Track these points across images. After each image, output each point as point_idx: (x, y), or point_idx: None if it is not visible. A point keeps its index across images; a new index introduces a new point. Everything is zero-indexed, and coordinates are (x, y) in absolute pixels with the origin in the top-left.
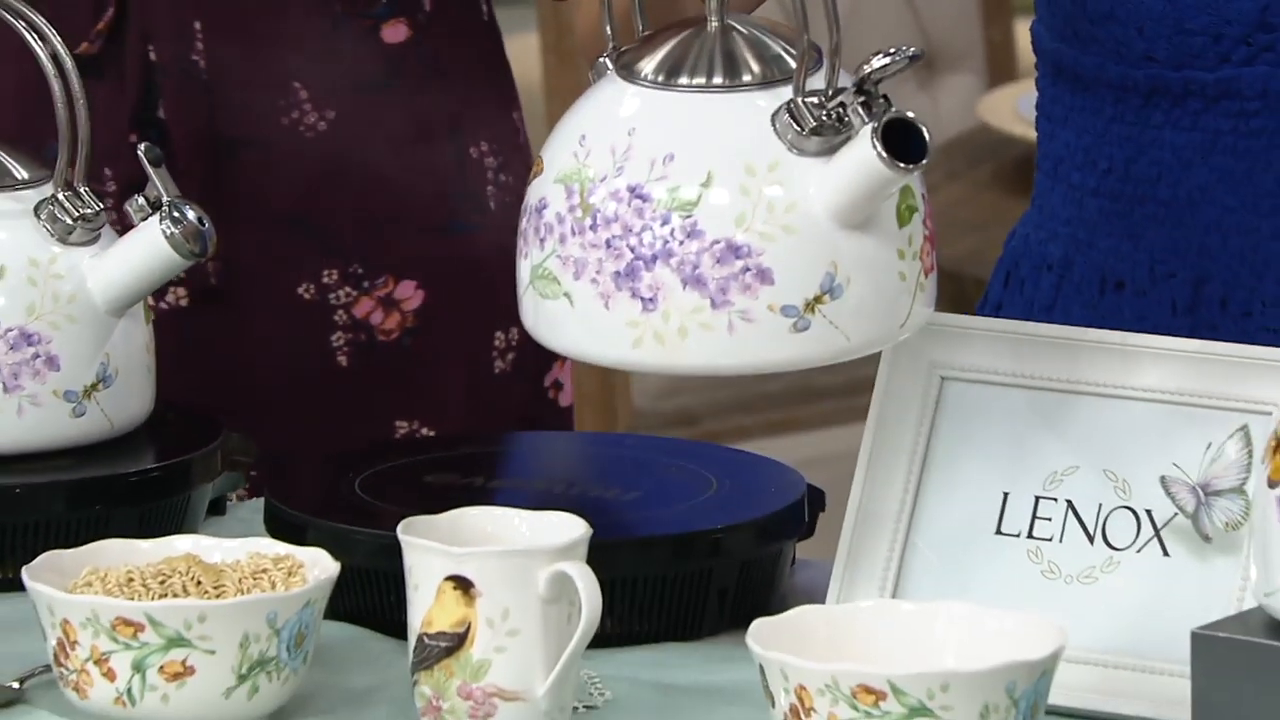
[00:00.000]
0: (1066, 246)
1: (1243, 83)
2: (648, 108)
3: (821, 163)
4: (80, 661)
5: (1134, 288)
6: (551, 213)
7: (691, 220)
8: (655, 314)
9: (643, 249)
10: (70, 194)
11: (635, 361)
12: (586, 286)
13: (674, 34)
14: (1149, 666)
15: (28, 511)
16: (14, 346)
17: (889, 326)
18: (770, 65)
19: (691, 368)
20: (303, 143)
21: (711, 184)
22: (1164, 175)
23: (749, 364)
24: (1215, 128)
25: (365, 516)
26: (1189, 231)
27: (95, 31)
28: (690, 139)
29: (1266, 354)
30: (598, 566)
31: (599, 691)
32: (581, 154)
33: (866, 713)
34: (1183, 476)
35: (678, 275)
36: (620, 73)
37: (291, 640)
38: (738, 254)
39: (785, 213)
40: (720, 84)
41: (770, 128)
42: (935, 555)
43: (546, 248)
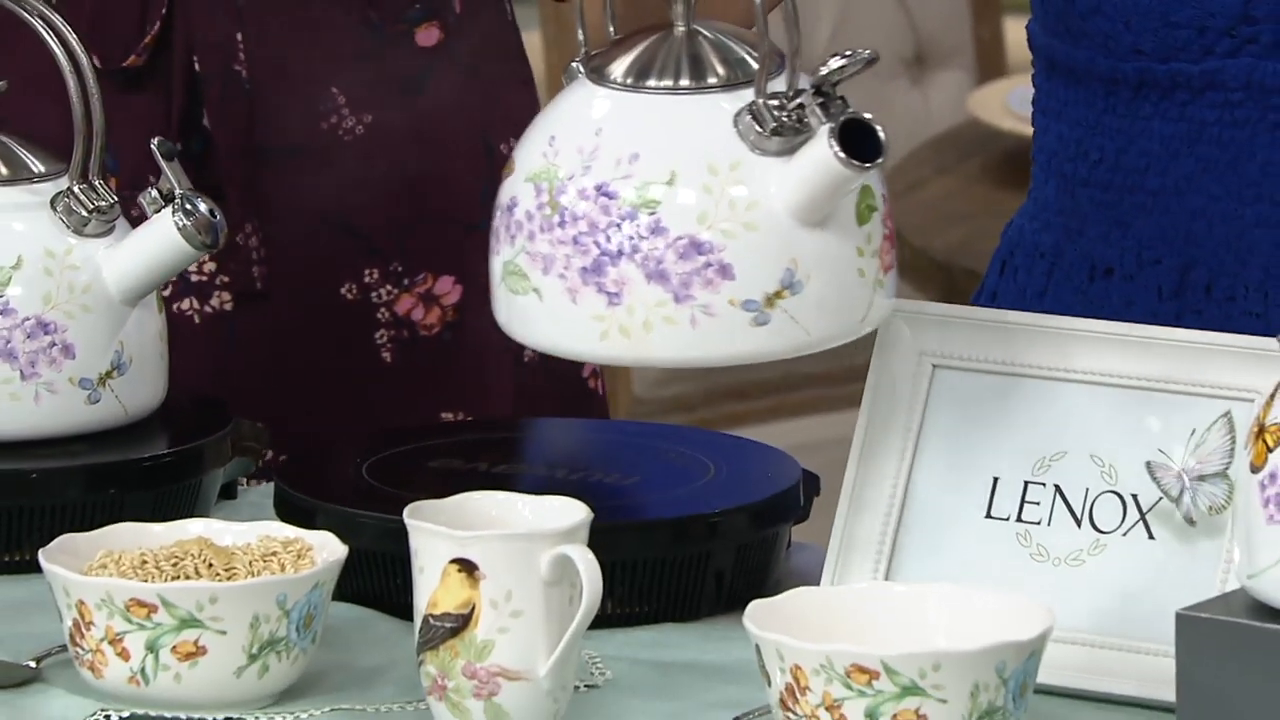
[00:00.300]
0: (1058, 235)
1: (1227, 74)
2: (615, 109)
3: (782, 162)
4: (95, 641)
5: (1122, 273)
6: (521, 210)
7: (655, 217)
8: (620, 308)
9: (608, 245)
10: (85, 187)
11: (601, 354)
12: (555, 282)
13: (642, 38)
14: (1135, 647)
15: (44, 495)
16: (31, 335)
17: (848, 322)
18: (734, 68)
19: (655, 360)
20: (341, 146)
21: (675, 182)
22: (1152, 165)
23: (711, 356)
24: (1201, 118)
25: (372, 501)
26: (1176, 219)
27: (143, 45)
28: (655, 139)
29: (1249, 342)
30: (598, 549)
31: (600, 671)
32: (551, 154)
33: (860, 691)
34: (1168, 462)
35: (642, 270)
36: (590, 76)
37: (301, 621)
38: (700, 250)
39: (746, 210)
40: (685, 86)
41: (733, 128)
42: (927, 538)
43: (516, 244)
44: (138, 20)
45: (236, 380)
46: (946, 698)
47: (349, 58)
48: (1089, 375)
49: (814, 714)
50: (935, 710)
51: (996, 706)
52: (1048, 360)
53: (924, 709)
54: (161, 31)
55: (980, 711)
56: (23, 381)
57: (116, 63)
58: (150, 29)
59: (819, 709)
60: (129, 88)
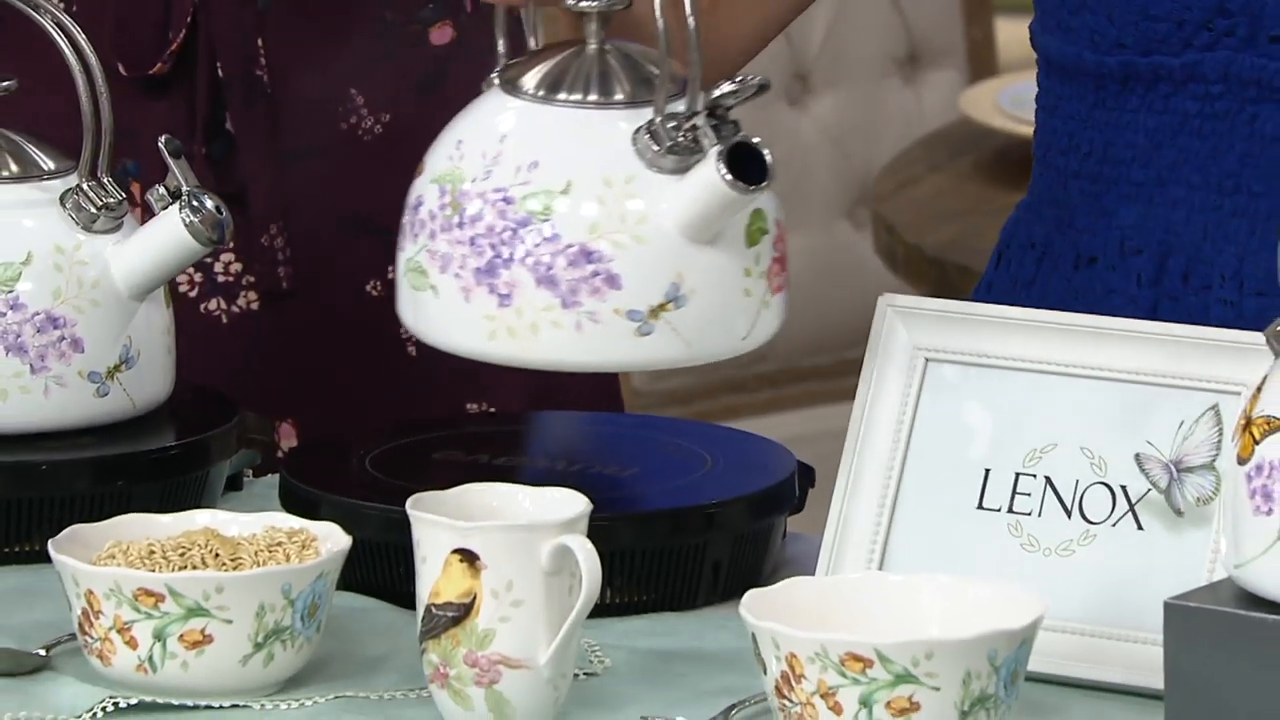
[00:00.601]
0: (1049, 227)
1: (1206, 67)
2: (521, 119)
3: (675, 180)
4: (104, 630)
5: (1105, 263)
6: (425, 210)
7: (549, 224)
8: (510, 309)
9: (502, 248)
10: (94, 184)
11: (489, 353)
12: (450, 280)
13: (556, 53)
14: (1124, 635)
15: (53, 487)
16: (40, 329)
17: (730, 339)
18: (639, 87)
19: (540, 362)
20: (361, 146)
21: (570, 192)
22: (1137, 156)
23: (593, 362)
24: (1183, 110)
25: (376, 492)
26: (1157, 209)
27: (169, 53)
28: (555, 149)
29: (1237, 336)
30: (598, 540)
31: (599, 659)
32: (456, 157)
33: (854, 679)
34: (1156, 454)
35: (532, 275)
36: (503, 86)
37: (305, 610)
38: (590, 259)
39: (638, 224)
40: (590, 101)
41: (631, 145)
42: (920, 529)
43: (419, 242)
44: (161, 28)
45: (264, 378)
46: (939, 685)
47: (366, 59)
48: (1079, 369)
49: (809, 701)
50: (928, 698)
51: (988, 694)
52: (1039, 354)
53: (917, 696)
54: (185, 39)
55: (972, 699)
56: (32, 375)
57: (142, 70)
58: (174, 37)
59: (814, 696)
60: (154, 94)
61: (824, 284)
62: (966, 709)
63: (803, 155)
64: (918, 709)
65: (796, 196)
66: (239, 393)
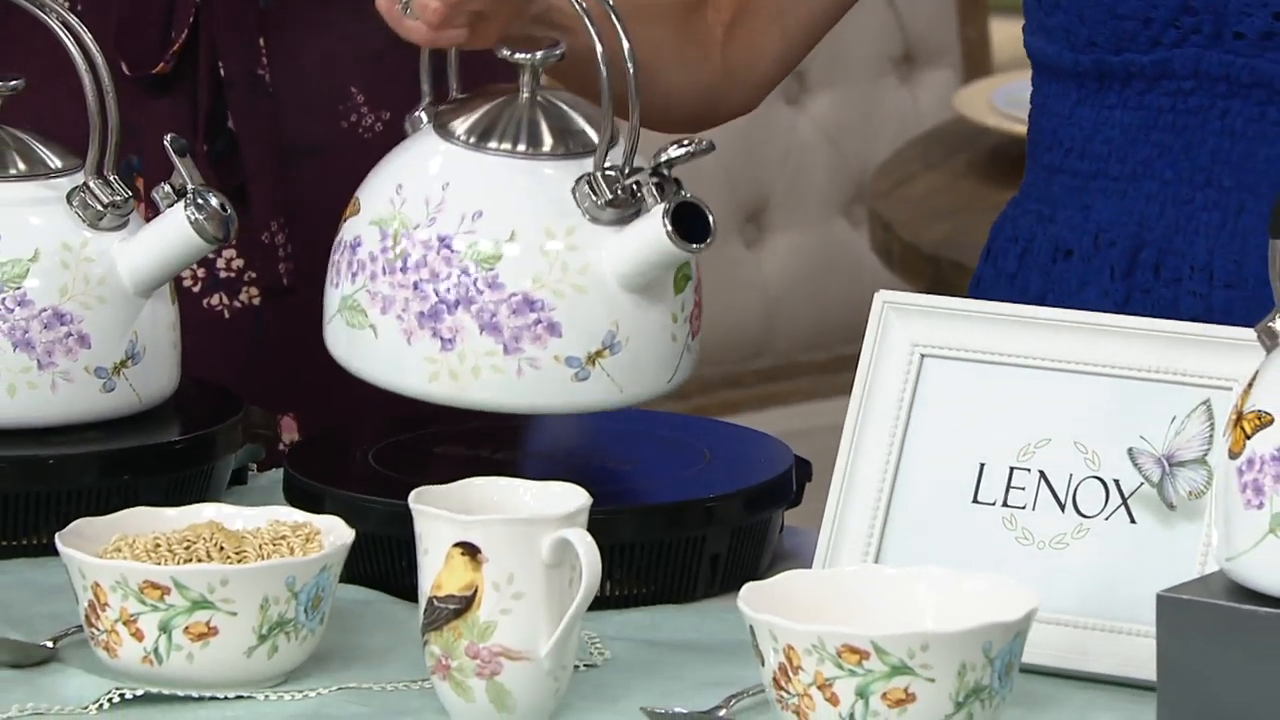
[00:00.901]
0: (1032, 221)
1: (1175, 64)
2: (462, 166)
3: (614, 231)
4: (110, 622)
5: (1080, 255)
6: (365, 251)
7: (494, 273)
8: (452, 353)
9: (447, 294)
10: (101, 181)
11: (429, 393)
12: (392, 321)
13: (489, 99)
14: (1117, 627)
15: (60, 481)
16: (48, 325)
17: (657, 382)
18: (573, 138)
19: (478, 403)
20: (361, 143)
21: (514, 241)
22: (1113, 152)
23: (530, 405)
24: (1156, 105)
25: (379, 486)
26: (1132, 203)
27: (171, 52)
28: (498, 199)
29: (1228, 332)
30: (597, 533)
31: (599, 651)
32: (398, 201)
33: (851, 671)
34: (1149, 448)
35: (477, 321)
36: (437, 130)
37: (309, 602)
38: (532, 307)
39: (578, 274)
40: (529, 151)
41: (570, 196)
42: (915, 522)
43: (357, 282)
44: (163, 28)
45: (265, 373)
46: (934, 677)
47: (366, 57)
48: (1073, 364)
49: (806, 693)
50: (924, 689)
51: (983, 685)
52: (1033, 349)
53: (913, 688)
54: (187, 39)
55: (967, 690)
56: (40, 370)
57: (144, 70)
58: (176, 37)
59: (811, 688)
60: (156, 93)
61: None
62: (961, 700)
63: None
64: (913, 700)
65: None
66: (240, 387)
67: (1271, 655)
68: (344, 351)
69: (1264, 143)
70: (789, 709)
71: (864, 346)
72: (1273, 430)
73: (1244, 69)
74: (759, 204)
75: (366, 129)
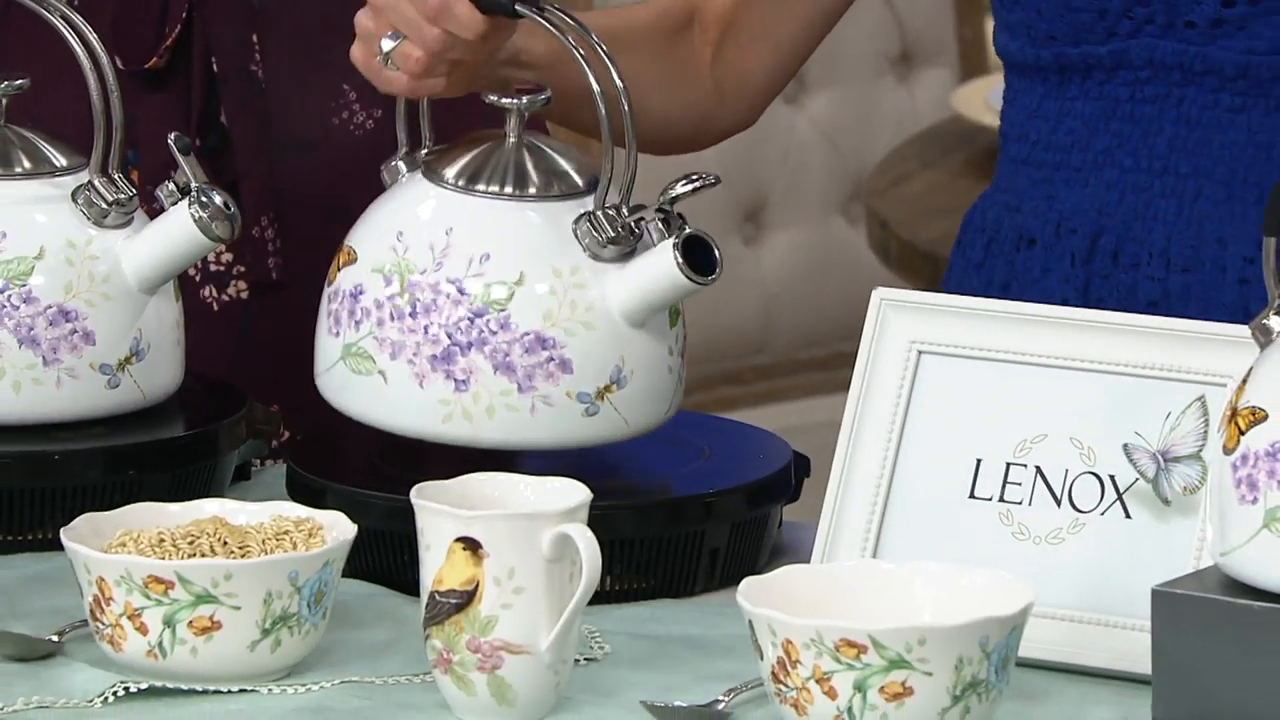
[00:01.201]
0: (999, 212)
1: (1131, 54)
2: (462, 211)
3: (616, 268)
4: (115, 617)
5: (1043, 243)
6: (369, 298)
7: (505, 313)
8: (466, 394)
9: (459, 336)
10: (105, 180)
11: (441, 434)
12: (402, 366)
13: (476, 145)
14: (1112, 621)
15: (66, 476)
16: (53, 322)
17: (658, 412)
18: (560, 180)
19: (493, 442)
20: (353, 140)
21: (524, 282)
22: (1075, 142)
23: (543, 442)
24: (1115, 95)
25: (381, 482)
26: (1093, 191)
27: (164, 47)
28: (502, 241)
29: (1223, 329)
30: (598, 528)
31: (599, 645)
32: (400, 248)
33: (849, 665)
34: (1144, 444)
35: (490, 361)
36: (429, 177)
37: (312, 597)
38: (544, 345)
39: (585, 311)
40: (523, 193)
41: (570, 235)
42: (913, 518)
43: (362, 329)
44: (158, 23)
45: (253, 366)
46: (932, 670)
47: None
48: (1069, 361)
49: (804, 687)
50: (921, 683)
51: (980, 679)
52: (1029, 346)
53: (910, 681)
54: (181, 34)
55: (964, 684)
56: (45, 367)
57: (138, 64)
58: (170, 32)
59: (809, 681)
60: (150, 88)
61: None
62: (958, 694)
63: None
64: (911, 694)
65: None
66: (228, 377)
67: (1266, 649)
68: (346, 399)
69: (1218, 129)
70: (787, 703)
71: (862, 343)
72: (1267, 426)
73: (1196, 57)
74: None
75: (358, 126)
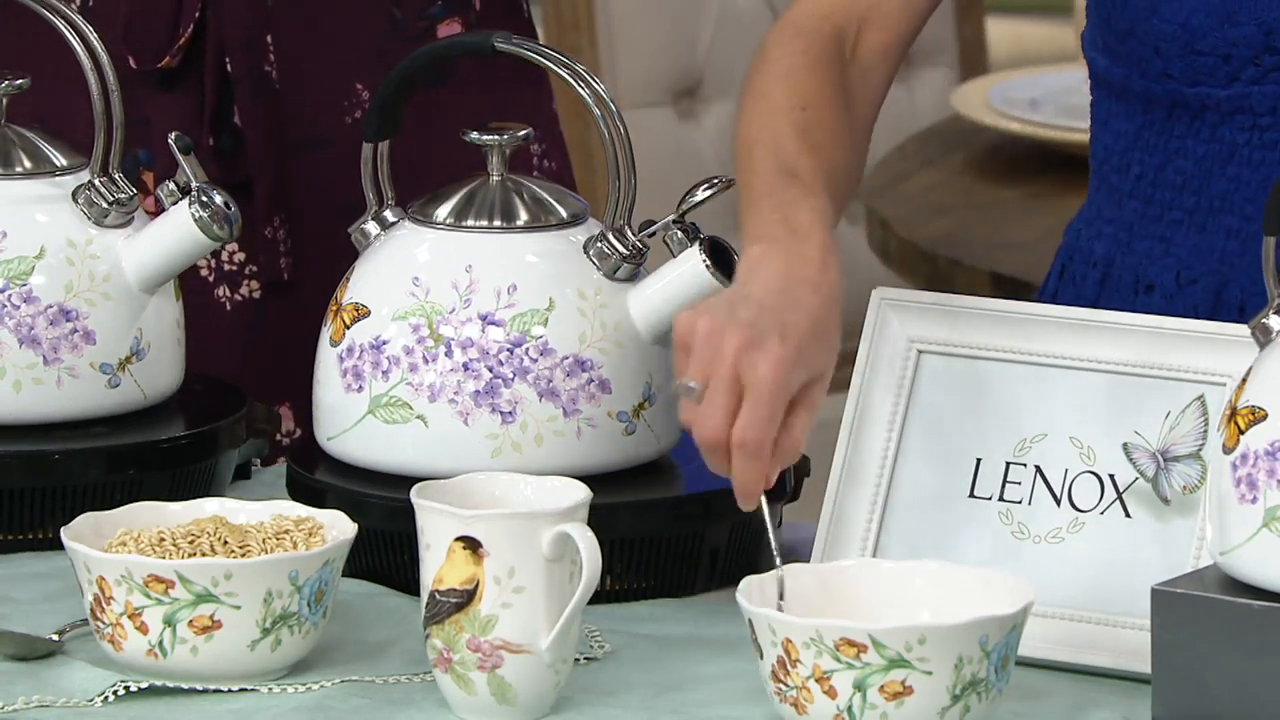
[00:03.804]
0: (1109, 246)
1: (1254, 99)
2: (477, 246)
3: (632, 287)
4: (115, 616)
5: (1162, 291)
6: (397, 346)
7: (543, 339)
8: (514, 425)
9: (501, 368)
10: (106, 179)
11: (491, 468)
12: (444, 407)
13: (460, 186)
14: (1112, 620)
15: (66, 476)
16: (53, 322)
17: (677, 429)
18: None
19: (543, 469)
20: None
21: (554, 308)
22: (1188, 184)
23: (590, 465)
24: (1232, 140)
25: (381, 481)
26: (1212, 238)
27: (177, 47)
28: (524, 271)
29: (1222, 329)
30: (598, 528)
31: (599, 644)
32: (420, 292)
33: (849, 664)
34: (1143, 443)
35: (534, 389)
36: (422, 223)
37: (312, 596)
38: (583, 367)
39: (614, 330)
40: (542, 222)
41: (583, 258)
42: (913, 517)
43: (392, 378)
44: (171, 23)
45: (265, 365)
46: (932, 670)
47: (373, 54)
48: (1069, 360)
49: (804, 686)
50: (921, 682)
51: (979, 678)
52: (1029, 346)
53: (910, 681)
54: (194, 34)
55: (964, 683)
56: (46, 366)
57: (151, 64)
58: (184, 32)
59: (809, 681)
60: (163, 88)
61: None
62: (958, 693)
63: None
64: (910, 693)
65: None
66: (239, 376)
67: (1265, 648)
68: (380, 453)
69: None
70: (787, 701)
71: (861, 343)
72: (1266, 425)
73: None
74: None
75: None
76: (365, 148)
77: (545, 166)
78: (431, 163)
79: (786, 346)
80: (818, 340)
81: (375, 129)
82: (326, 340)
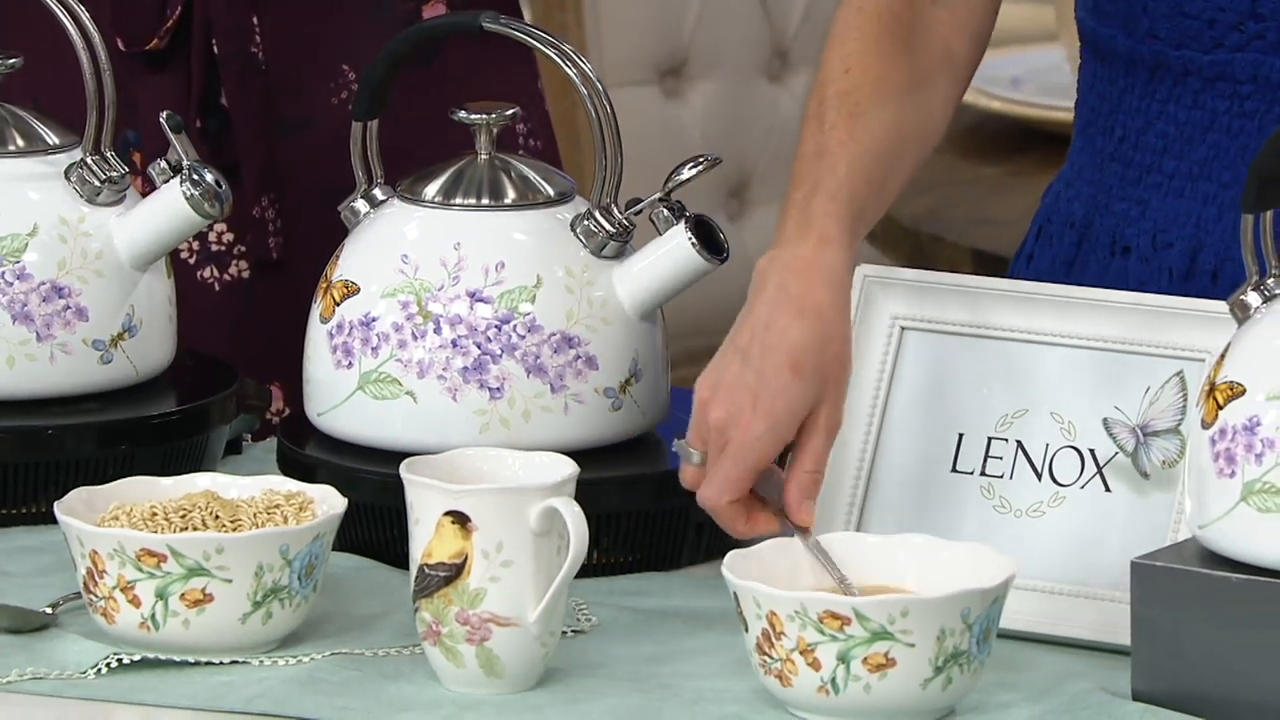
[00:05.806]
0: (1088, 207)
1: (1235, 67)
2: (464, 224)
3: (618, 264)
4: (108, 589)
5: (1138, 254)
6: (386, 323)
7: (530, 316)
8: (502, 400)
9: (489, 344)
10: (98, 158)
11: (480, 444)
12: (432, 383)
13: (448, 165)
14: (1092, 593)
15: (59, 451)
16: (46, 299)
17: (662, 406)
18: (541, 187)
19: (530, 444)
20: (350, 120)
21: (542, 285)
22: (1169, 148)
23: (578, 440)
24: (1213, 107)
25: (371, 456)
26: (1189, 203)
27: (164, 29)
28: (511, 248)
29: (1201, 305)
30: (585, 503)
31: (586, 617)
32: (409, 270)
33: (833, 636)
34: (1123, 418)
35: (522, 365)
36: (410, 200)
37: (302, 570)
38: (571, 344)
39: (601, 307)
40: (528, 200)
41: (570, 236)
42: (896, 491)
43: (381, 354)
44: (159, 6)
45: (254, 345)
46: (914, 642)
47: (360, 36)
48: (1049, 336)
49: (789, 658)
50: (904, 654)
51: (961, 650)
52: (1010, 322)
53: (893, 653)
54: (182, 16)
55: (946, 655)
56: (38, 343)
57: (139, 45)
58: (171, 13)
59: (794, 653)
60: (151, 69)
61: None
62: (940, 665)
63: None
64: (893, 665)
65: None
66: (229, 356)
67: (1243, 620)
68: (369, 428)
69: None
70: (772, 674)
71: None
72: (1244, 401)
73: None
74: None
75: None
76: (355, 127)
77: (531, 145)
78: (418, 142)
79: (758, 413)
80: (800, 378)
81: (364, 108)
82: (316, 317)
